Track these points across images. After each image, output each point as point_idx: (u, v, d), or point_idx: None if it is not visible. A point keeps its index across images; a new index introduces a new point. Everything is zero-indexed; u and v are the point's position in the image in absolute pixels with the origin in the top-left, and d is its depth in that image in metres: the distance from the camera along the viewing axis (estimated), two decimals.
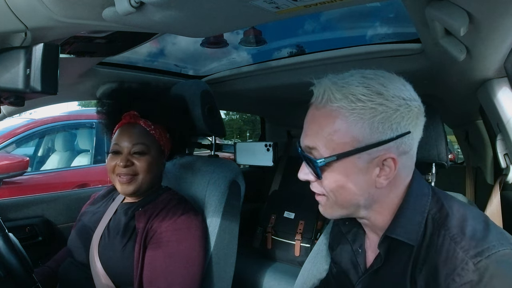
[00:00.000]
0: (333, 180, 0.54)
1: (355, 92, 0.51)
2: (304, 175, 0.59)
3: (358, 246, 0.66)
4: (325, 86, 0.54)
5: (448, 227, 0.51)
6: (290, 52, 1.37)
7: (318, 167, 0.53)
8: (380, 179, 0.53)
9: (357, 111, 0.51)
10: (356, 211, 0.58)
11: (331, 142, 0.53)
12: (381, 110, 0.50)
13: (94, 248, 0.92)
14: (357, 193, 0.54)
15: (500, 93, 0.78)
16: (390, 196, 0.56)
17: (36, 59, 0.51)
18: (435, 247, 0.50)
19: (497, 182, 0.91)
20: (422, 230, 0.53)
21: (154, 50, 1.41)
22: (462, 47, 0.66)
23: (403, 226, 0.54)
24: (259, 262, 1.65)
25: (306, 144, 0.56)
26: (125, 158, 0.91)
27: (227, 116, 13.85)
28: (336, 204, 0.57)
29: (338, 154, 0.52)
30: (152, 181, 0.97)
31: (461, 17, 0.54)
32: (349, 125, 0.51)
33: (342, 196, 0.55)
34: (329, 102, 0.53)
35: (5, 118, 1.16)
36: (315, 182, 0.58)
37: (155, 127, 0.98)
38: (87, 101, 4.98)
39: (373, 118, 0.51)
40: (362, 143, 0.51)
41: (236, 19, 0.57)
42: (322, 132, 0.54)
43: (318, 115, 0.55)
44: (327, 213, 0.59)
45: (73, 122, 3.22)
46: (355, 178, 0.53)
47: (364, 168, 0.53)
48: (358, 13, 1.17)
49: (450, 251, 0.48)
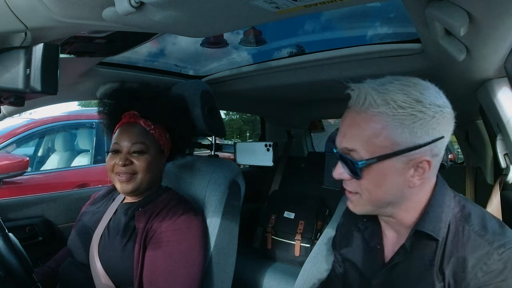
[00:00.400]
0: (371, 180, 0.58)
1: (396, 98, 0.55)
2: (339, 174, 0.62)
3: (376, 243, 0.70)
4: (365, 92, 0.58)
5: (472, 224, 0.57)
6: (290, 52, 1.37)
7: (359, 168, 0.57)
8: (414, 179, 0.58)
9: (398, 117, 0.55)
10: (384, 208, 0.62)
11: (372, 145, 0.57)
12: (420, 116, 0.55)
13: (94, 248, 0.92)
14: (391, 192, 0.59)
15: (500, 93, 0.78)
16: (418, 195, 0.61)
17: (36, 59, 0.52)
18: (461, 241, 0.56)
19: (497, 182, 0.91)
20: (447, 226, 0.58)
21: (154, 50, 1.41)
22: (462, 47, 0.66)
23: (431, 221, 0.59)
24: (259, 262, 1.65)
25: (345, 146, 0.60)
26: (124, 157, 0.92)
27: (227, 116, 13.84)
28: (368, 202, 0.61)
29: (378, 157, 0.56)
30: (151, 181, 0.97)
31: (461, 17, 0.54)
32: (390, 129, 0.55)
33: (376, 194, 0.59)
34: (371, 107, 0.56)
35: (5, 118, 1.16)
36: (350, 181, 0.62)
37: (155, 127, 0.98)
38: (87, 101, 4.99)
39: (413, 124, 0.55)
40: (401, 146, 0.55)
41: (236, 19, 0.57)
42: (363, 135, 0.57)
43: (358, 119, 0.58)
44: (356, 210, 0.64)
45: (73, 122, 3.22)
46: (391, 179, 0.58)
47: (400, 169, 0.57)
48: (358, 13, 1.17)
49: (476, 244, 0.54)
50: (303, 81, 1.35)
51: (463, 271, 0.54)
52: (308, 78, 1.31)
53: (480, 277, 0.52)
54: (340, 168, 0.62)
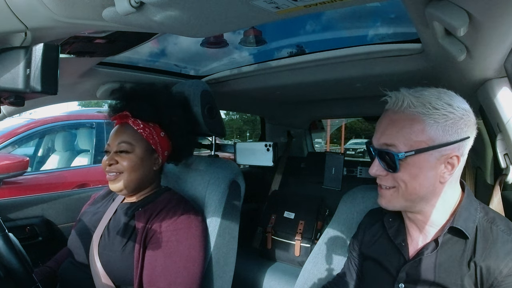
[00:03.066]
0: (408, 173, 0.65)
1: (430, 101, 0.64)
2: (376, 171, 0.69)
3: (401, 241, 0.76)
4: (403, 96, 0.67)
5: (498, 225, 0.66)
6: (290, 52, 1.37)
7: (398, 159, 0.64)
8: (445, 174, 0.65)
9: (433, 116, 0.64)
10: (417, 204, 0.68)
11: (410, 141, 0.64)
12: (451, 117, 0.64)
13: (94, 248, 0.92)
14: (425, 185, 0.66)
15: (500, 93, 0.78)
16: (447, 193, 0.69)
17: (36, 59, 0.52)
18: (491, 239, 0.64)
19: (497, 182, 0.91)
20: (475, 226, 0.66)
21: (154, 50, 1.41)
22: (462, 47, 0.66)
23: (464, 220, 0.67)
24: (259, 262, 1.65)
25: (384, 142, 0.67)
26: (110, 156, 0.95)
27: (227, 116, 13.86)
28: (403, 195, 0.67)
29: (416, 150, 0.64)
30: (140, 180, 0.98)
31: (461, 17, 0.54)
32: (425, 127, 0.64)
33: (412, 187, 0.66)
34: (409, 108, 0.65)
35: (5, 118, 1.16)
36: (386, 176, 0.69)
37: (145, 126, 0.98)
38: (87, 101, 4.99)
39: (445, 123, 0.64)
40: (435, 142, 0.64)
41: (236, 19, 0.57)
42: (401, 132, 0.65)
43: (396, 118, 0.67)
44: (390, 204, 0.70)
45: (73, 122, 3.22)
46: (425, 172, 0.65)
47: (433, 164, 0.64)
48: (358, 13, 1.17)
49: (504, 240, 0.63)
50: (303, 81, 1.35)
51: (495, 263, 0.62)
52: (308, 78, 1.31)
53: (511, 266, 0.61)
54: (376, 165, 0.69)
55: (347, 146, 14.82)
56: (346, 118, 10.53)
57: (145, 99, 1.01)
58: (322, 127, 2.56)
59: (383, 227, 0.81)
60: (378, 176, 0.71)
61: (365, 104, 1.79)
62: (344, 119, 12.81)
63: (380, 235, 0.81)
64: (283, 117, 2.16)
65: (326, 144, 13.47)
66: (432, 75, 1.07)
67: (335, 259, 0.98)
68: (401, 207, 0.70)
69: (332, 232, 1.03)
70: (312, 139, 2.49)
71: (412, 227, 0.75)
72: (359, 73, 1.19)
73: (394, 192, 0.69)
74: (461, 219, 0.67)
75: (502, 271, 0.61)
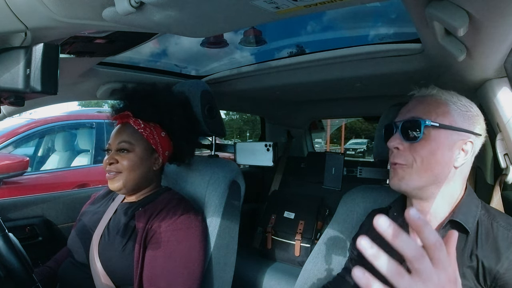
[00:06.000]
0: (428, 146, 0.69)
1: (456, 95, 0.73)
2: (396, 143, 0.72)
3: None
4: (433, 89, 0.74)
5: (498, 221, 0.68)
6: (290, 52, 1.37)
7: (424, 126, 0.69)
8: (458, 158, 0.70)
9: (457, 104, 0.71)
10: (429, 185, 0.70)
11: (435, 117, 0.70)
12: (471, 110, 0.72)
13: (94, 248, 0.92)
14: (440, 163, 0.69)
15: (500, 93, 0.78)
16: (452, 186, 0.71)
17: (36, 59, 0.52)
18: (492, 235, 0.67)
19: (497, 182, 0.91)
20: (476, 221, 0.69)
21: (154, 50, 1.41)
22: (462, 47, 0.66)
23: (464, 214, 0.69)
24: (259, 262, 1.65)
25: (411, 115, 0.72)
26: (110, 155, 0.96)
27: (227, 116, 13.86)
28: (418, 171, 0.70)
29: (440, 124, 0.69)
30: (139, 179, 0.98)
31: (461, 17, 0.54)
32: (450, 110, 0.71)
33: (427, 162, 0.69)
34: (437, 94, 0.73)
35: (5, 118, 1.16)
36: (403, 151, 0.71)
37: (145, 125, 0.99)
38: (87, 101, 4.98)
39: (466, 113, 0.71)
40: (457, 124, 0.70)
41: (236, 19, 0.57)
42: (428, 108, 0.71)
43: (424, 100, 0.73)
44: (403, 182, 0.71)
45: (73, 122, 3.22)
46: (443, 150, 0.69)
47: (451, 144, 0.69)
48: (358, 13, 1.17)
49: (505, 235, 0.66)
50: (303, 81, 1.35)
51: (496, 256, 0.64)
52: (308, 78, 1.31)
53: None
54: (396, 139, 0.72)
55: (347, 146, 14.82)
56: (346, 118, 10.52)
57: (146, 99, 1.02)
58: (322, 127, 2.56)
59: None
60: (395, 152, 0.73)
61: (365, 104, 1.79)
62: (344, 119, 12.81)
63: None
64: (283, 117, 2.16)
65: (326, 144, 13.47)
66: (432, 75, 1.07)
67: (335, 259, 0.98)
68: (413, 186, 0.71)
69: (332, 232, 1.03)
70: (312, 139, 2.49)
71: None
72: (359, 73, 1.19)
73: (407, 169, 0.71)
74: (461, 213, 0.69)
75: (503, 264, 0.63)
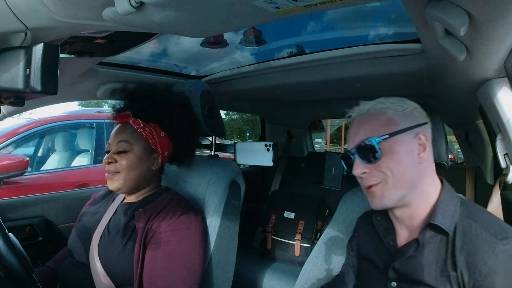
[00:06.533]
0: (390, 158, 0.69)
1: (387, 100, 0.75)
2: (361, 169, 0.72)
3: (390, 240, 0.77)
4: (363, 104, 0.76)
5: (477, 220, 0.66)
6: (290, 52, 1.37)
7: (377, 143, 0.69)
8: (421, 154, 0.70)
9: (392, 107, 0.73)
10: (407, 192, 0.70)
11: (380, 130, 0.71)
12: (406, 107, 0.73)
13: (94, 248, 0.92)
14: (408, 167, 0.69)
15: (500, 93, 0.78)
16: (427, 184, 0.71)
17: (36, 59, 0.52)
18: (470, 236, 0.64)
19: (497, 182, 0.91)
20: (455, 221, 0.67)
21: (154, 50, 1.41)
22: (462, 47, 0.66)
23: (442, 216, 0.68)
24: (259, 262, 1.65)
25: (360, 139, 0.72)
26: (109, 155, 0.96)
27: (227, 116, 13.85)
28: (393, 184, 0.69)
29: (389, 133, 0.70)
30: (138, 179, 0.98)
31: (461, 17, 0.54)
32: (390, 116, 0.72)
33: (398, 172, 0.69)
34: (371, 110, 0.74)
35: (5, 118, 1.16)
36: (371, 173, 0.71)
37: (145, 125, 0.99)
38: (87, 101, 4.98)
39: (403, 111, 0.72)
40: (402, 126, 0.71)
41: (236, 19, 0.57)
42: (371, 125, 0.72)
43: (363, 120, 0.74)
44: (385, 199, 0.71)
45: (73, 122, 3.22)
46: (404, 155, 0.70)
47: (407, 145, 0.70)
48: (358, 13, 1.17)
49: (482, 237, 0.63)
50: (303, 81, 1.35)
51: (473, 260, 0.61)
52: (308, 78, 1.31)
53: (489, 264, 0.60)
54: (359, 165, 0.72)
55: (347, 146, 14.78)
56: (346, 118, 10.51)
57: (146, 99, 1.02)
58: (322, 127, 2.56)
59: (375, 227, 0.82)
60: (363, 176, 0.72)
61: None
62: (344, 119, 12.81)
63: (372, 235, 0.83)
64: (283, 117, 2.16)
65: (326, 144, 13.46)
66: (432, 75, 1.07)
67: (335, 259, 0.98)
68: (395, 199, 0.71)
69: (332, 232, 1.03)
70: (312, 139, 2.49)
71: (400, 226, 0.76)
72: (359, 73, 1.19)
73: (383, 186, 0.70)
74: (439, 215, 0.68)
75: (481, 272, 0.60)
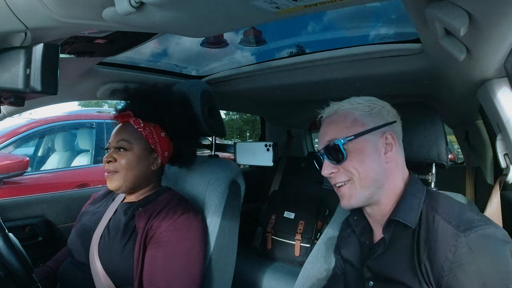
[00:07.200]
0: (356, 159, 0.70)
1: (355, 100, 0.76)
2: (329, 170, 0.73)
3: (366, 239, 0.78)
4: (333, 104, 0.77)
5: (440, 212, 0.64)
6: (290, 52, 1.37)
7: (342, 144, 0.70)
8: (388, 154, 0.71)
9: (360, 108, 0.74)
10: (375, 191, 0.71)
11: (347, 130, 0.72)
12: (374, 107, 0.74)
13: (94, 248, 0.92)
14: (374, 167, 0.70)
15: (500, 93, 0.78)
16: (396, 178, 0.72)
17: (36, 59, 0.52)
18: (431, 229, 0.63)
19: (497, 182, 0.91)
20: (419, 215, 0.66)
21: (154, 50, 1.41)
22: (462, 47, 0.66)
23: (403, 211, 0.68)
24: (259, 262, 1.65)
25: (327, 139, 0.73)
26: (109, 154, 0.96)
27: (227, 116, 13.85)
28: (360, 183, 0.70)
29: (354, 134, 0.70)
30: (137, 179, 0.98)
31: (461, 17, 0.54)
32: (356, 117, 0.73)
33: (364, 171, 0.70)
34: (339, 110, 0.75)
35: (5, 118, 1.16)
36: (339, 172, 0.72)
37: (145, 125, 0.99)
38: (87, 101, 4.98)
39: (371, 111, 0.73)
40: (368, 126, 0.72)
41: (236, 19, 0.57)
42: (338, 126, 0.73)
43: (331, 120, 0.75)
44: (353, 199, 0.72)
45: (73, 122, 3.22)
46: (369, 154, 0.71)
47: (373, 145, 0.71)
48: (358, 13, 1.17)
49: (444, 229, 0.61)
50: (303, 81, 1.35)
51: (435, 255, 0.59)
52: (308, 78, 1.31)
53: (451, 258, 0.57)
54: (328, 165, 0.73)
55: None
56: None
57: (146, 99, 1.02)
58: None
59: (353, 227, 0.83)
60: (331, 176, 0.73)
61: None
62: None
63: (351, 236, 0.84)
64: (283, 117, 2.16)
65: None
66: (432, 75, 1.07)
67: (335, 259, 0.98)
68: (363, 199, 0.71)
69: (331, 232, 1.03)
70: (312, 139, 2.49)
71: (374, 225, 0.77)
72: (359, 73, 1.19)
73: (351, 185, 0.71)
74: (401, 210, 0.68)
75: (443, 267, 0.58)
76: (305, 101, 1.94)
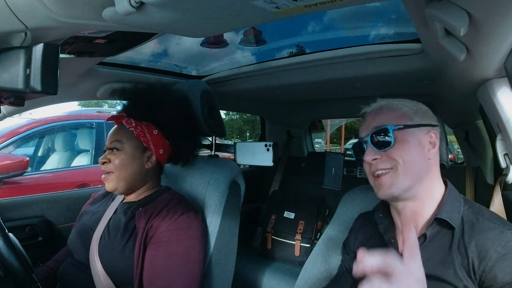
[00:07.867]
0: (402, 147, 0.73)
1: (403, 99, 0.80)
2: (372, 155, 0.75)
3: (390, 238, 0.79)
4: (380, 101, 0.81)
5: (483, 214, 0.70)
6: (290, 52, 1.37)
7: (392, 131, 0.73)
8: (430, 151, 0.75)
9: (407, 105, 0.78)
10: (414, 183, 0.73)
11: (396, 121, 0.75)
12: (421, 107, 0.79)
13: (94, 248, 0.92)
14: (418, 159, 0.73)
15: (500, 93, 0.78)
16: (435, 178, 0.75)
17: (36, 59, 0.52)
18: (478, 228, 0.68)
19: (497, 182, 0.91)
20: (461, 217, 0.71)
21: (154, 50, 1.41)
22: (462, 47, 0.66)
23: (449, 212, 0.71)
24: (259, 262, 1.65)
25: (375, 126, 0.76)
26: (104, 156, 0.97)
27: (227, 116, 13.86)
28: (403, 171, 0.72)
29: (404, 125, 0.74)
30: (131, 178, 0.98)
31: (461, 17, 0.54)
32: (405, 112, 0.77)
33: (408, 161, 0.72)
34: (389, 103, 0.79)
35: (5, 118, 1.16)
36: (382, 159, 0.74)
37: (137, 124, 0.99)
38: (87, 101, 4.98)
39: (417, 111, 0.78)
40: (415, 122, 0.75)
41: (236, 19, 0.57)
42: (388, 115, 0.76)
43: (380, 111, 0.78)
44: (394, 187, 0.73)
45: (73, 122, 3.22)
46: (415, 147, 0.74)
47: (419, 139, 0.74)
48: (358, 13, 1.17)
49: (491, 228, 0.67)
50: (303, 81, 1.35)
51: (484, 249, 0.65)
52: (308, 78, 1.31)
53: (500, 251, 0.64)
54: (371, 151, 0.75)
55: (347, 146, 14.80)
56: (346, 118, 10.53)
57: (139, 99, 1.03)
58: (322, 127, 2.56)
59: (375, 226, 0.84)
60: (373, 163, 0.75)
61: (365, 104, 1.80)
62: (344, 119, 12.81)
63: (372, 234, 0.84)
64: (283, 117, 2.16)
65: (326, 144, 13.47)
66: (432, 75, 1.07)
67: (335, 259, 0.98)
68: (403, 188, 0.73)
69: (332, 232, 1.03)
70: (312, 139, 2.49)
71: (402, 222, 0.78)
72: (359, 73, 1.19)
73: (393, 173, 0.73)
74: (445, 211, 0.72)
75: (491, 257, 0.63)
76: (305, 101, 1.94)
